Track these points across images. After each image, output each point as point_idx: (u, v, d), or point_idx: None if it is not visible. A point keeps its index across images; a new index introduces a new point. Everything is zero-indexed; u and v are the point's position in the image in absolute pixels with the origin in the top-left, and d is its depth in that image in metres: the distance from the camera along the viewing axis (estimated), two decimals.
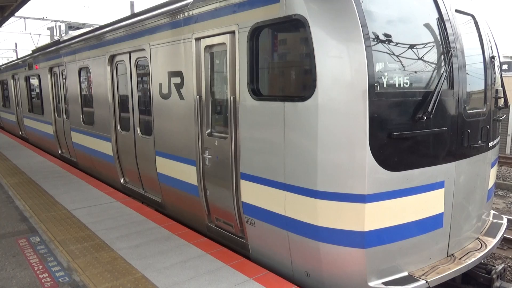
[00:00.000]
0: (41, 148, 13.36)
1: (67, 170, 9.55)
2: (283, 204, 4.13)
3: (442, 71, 4.07)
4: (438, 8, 4.22)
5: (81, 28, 22.24)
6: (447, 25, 4.21)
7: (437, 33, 4.19)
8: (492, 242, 4.84)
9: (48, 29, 25.57)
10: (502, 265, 5.10)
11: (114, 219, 5.98)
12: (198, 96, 5.21)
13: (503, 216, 5.65)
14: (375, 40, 3.69)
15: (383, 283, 3.89)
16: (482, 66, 4.81)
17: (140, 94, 6.91)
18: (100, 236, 5.33)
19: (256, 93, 4.33)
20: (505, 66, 32.10)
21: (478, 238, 4.95)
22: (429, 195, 4.07)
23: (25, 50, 47.10)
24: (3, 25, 14.70)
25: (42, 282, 4.11)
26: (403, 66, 3.90)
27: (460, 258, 4.39)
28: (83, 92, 9.25)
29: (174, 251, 4.82)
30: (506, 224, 5.40)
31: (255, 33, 4.25)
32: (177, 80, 5.59)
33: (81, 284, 4.07)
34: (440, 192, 4.15)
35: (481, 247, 4.70)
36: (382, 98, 3.64)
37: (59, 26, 24.56)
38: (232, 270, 4.32)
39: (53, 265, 4.51)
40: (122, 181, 7.90)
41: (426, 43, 4.13)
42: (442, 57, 4.18)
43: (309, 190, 3.86)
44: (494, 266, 4.99)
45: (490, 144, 4.87)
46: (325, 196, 3.78)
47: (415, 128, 3.84)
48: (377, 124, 3.62)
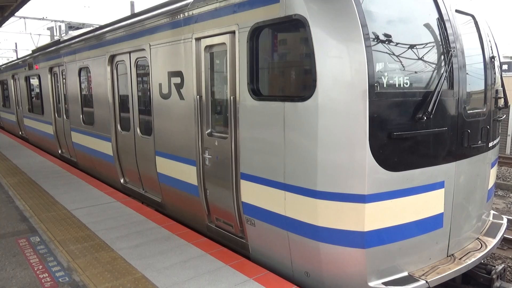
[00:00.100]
0: (41, 148, 13.36)
1: (67, 170, 9.55)
2: (283, 204, 4.13)
3: (442, 71, 4.07)
4: (438, 8, 4.22)
5: (81, 28, 22.25)
6: (447, 25, 4.21)
7: (437, 33, 4.19)
8: (492, 242, 4.84)
9: (48, 29, 25.59)
10: (502, 265, 5.09)
11: (114, 219, 5.98)
12: (198, 96, 5.21)
13: (503, 216, 5.65)
14: (375, 40, 3.69)
15: (383, 283, 3.89)
16: (482, 66, 4.81)
17: (140, 94, 6.91)
18: (100, 236, 5.33)
19: (256, 93, 4.33)
20: (505, 66, 32.11)
21: (478, 238, 4.95)
22: (429, 195, 4.07)
23: (25, 50, 47.17)
24: (3, 25, 14.70)
25: (42, 282, 4.11)
26: (403, 66, 3.90)
27: (460, 258, 4.39)
28: (83, 92, 9.25)
29: (174, 251, 4.82)
30: (506, 224, 5.40)
31: (255, 33, 4.25)
32: (177, 80, 5.59)
33: (81, 284, 4.07)
34: (440, 192, 4.15)
35: (481, 247, 4.70)
36: (382, 98, 3.64)
37: (59, 26, 24.58)
38: (232, 270, 4.32)
39: (53, 265, 4.51)
40: (122, 181, 7.90)
41: (426, 43, 4.13)
42: (442, 57, 4.18)
43: (309, 190, 3.86)
44: (494, 266, 4.98)
45: (490, 144, 4.87)
46: (325, 196, 3.78)
47: (415, 128, 3.84)
48: (377, 124, 3.62)
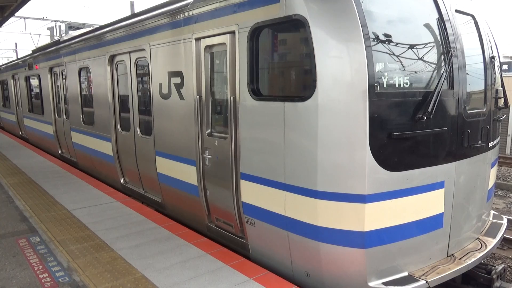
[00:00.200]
0: (41, 148, 13.36)
1: (67, 170, 9.55)
2: (283, 204, 4.13)
3: (442, 71, 4.07)
4: (438, 8, 4.22)
5: (81, 28, 22.26)
6: (447, 25, 4.21)
7: (437, 33, 4.19)
8: (492, 242, 4.84)
9: (48, 29, 25.60)
10: (502, 265, 5.10)
11: (114, 219, 5.98)
12: (198, 96, 5.21)
13: (503, 216, 5.65)
14: (375, 40, 3.68)
15: (383, 283, 3.88)
16: (482, 66, 4.81)
17: (140, 94, 6.91)
18: (100, 236, 5.33)
19: (256, 93, 4.33)
20: (505, 66, 32.12)
21: (478, 238, 4.95)
22: (429, 195, 4.07)
23: (25, 50, 47.18)
24: (3, 25, 14.71)
25: (42, 282, 4.11)
26: (403, 66, 3.90)
27: (460, 258, 4.38)
28: (83, 92, 9.25)
29: (174, 251, 4.82)
30: (506, 224, 5.40)
31: (255, 33, 4.25)
32: (177, 80, 5.59)
33: (81, 284, 4.07)
34: (440, 192, 4.15)
35: (481, 247, 4.69)
36: (382, 98, 3.64)
37: (59, 26, 24.59)
38: (232, 270, 4.32)
39: (53, 265, 4.51)
40: (122, 181, 7.90)
41: (426, 43, 4.12)
42: (442, 57, 4.18)
43: (309, 190, 3.86)
44: (494, 266, 4.99)
45: (490, 144, 4.87)
46: (325, 196, 3.78)
47: (415, 128, 3.84)
48: (377, 124, 3.62)
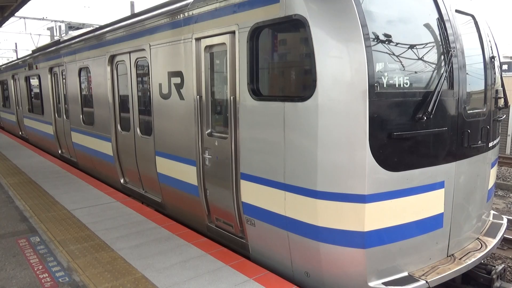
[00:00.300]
0: (41, 148, 13.36)
1: (67, 170, 9.55)
2: (283, 204, 4.13)
3: (442, 71, 4.07)
4: (438, 8, 4.22)
5: (81, 28, 22.27)
6: (447, 25, 4.21)
7: (437, 33, 4.19)
8: (492, 242, 4.84)
9: (48, 29, 25.63)
10: (502, 265, 5.09)
11: (114, 219, 5.98)
12: (198, 96, 5.21)
13: (503, 216, 5.65)
14: (375, 40, 3.68)
15: (383, 283, 3.88)
16: (482, 66, 4.81)
17: (140, 94, 6.91)
18: (100, 236, 5.33)
19: (256, 93, 4.33)
20: (505, 66, 32.12)
21: (478, 238, 4.95)
22: (429, 195, 4.06)
23: (25, 50, 47.19)
24: (3, 25, 14.72)
25: (42, 282, 4.11)
26: (403, 66, 3.90)
27: (460, 258, 4.38)
28: (83, 92, 9.25)
29: (174, 251, 4.82)
30: (506, 224, 5.40)
31: (255, 33, 4.25)
32: (177, 80, 5.59)
33: (81, 284, 4.07)
34: (440, 192, 4.15)
35: (481, 247, 4.69)
36: (382, 98, 3.64)
37: (59, 26, 24.61)
38: (232, 270, 4.32)
39: (53, 265, 4.51)
40: (122, 181, 7.90)
41: (426, 43, 4.12)
42: (442, 57, 4.18)
43: (309, 190, 3.86)
44: (494, 266, 4.98)
45: (490, 144, 4.87)
46: (325, 196, 3.78)
47: (415, 128, 3.84)
48: (377, 124, 3.61)
